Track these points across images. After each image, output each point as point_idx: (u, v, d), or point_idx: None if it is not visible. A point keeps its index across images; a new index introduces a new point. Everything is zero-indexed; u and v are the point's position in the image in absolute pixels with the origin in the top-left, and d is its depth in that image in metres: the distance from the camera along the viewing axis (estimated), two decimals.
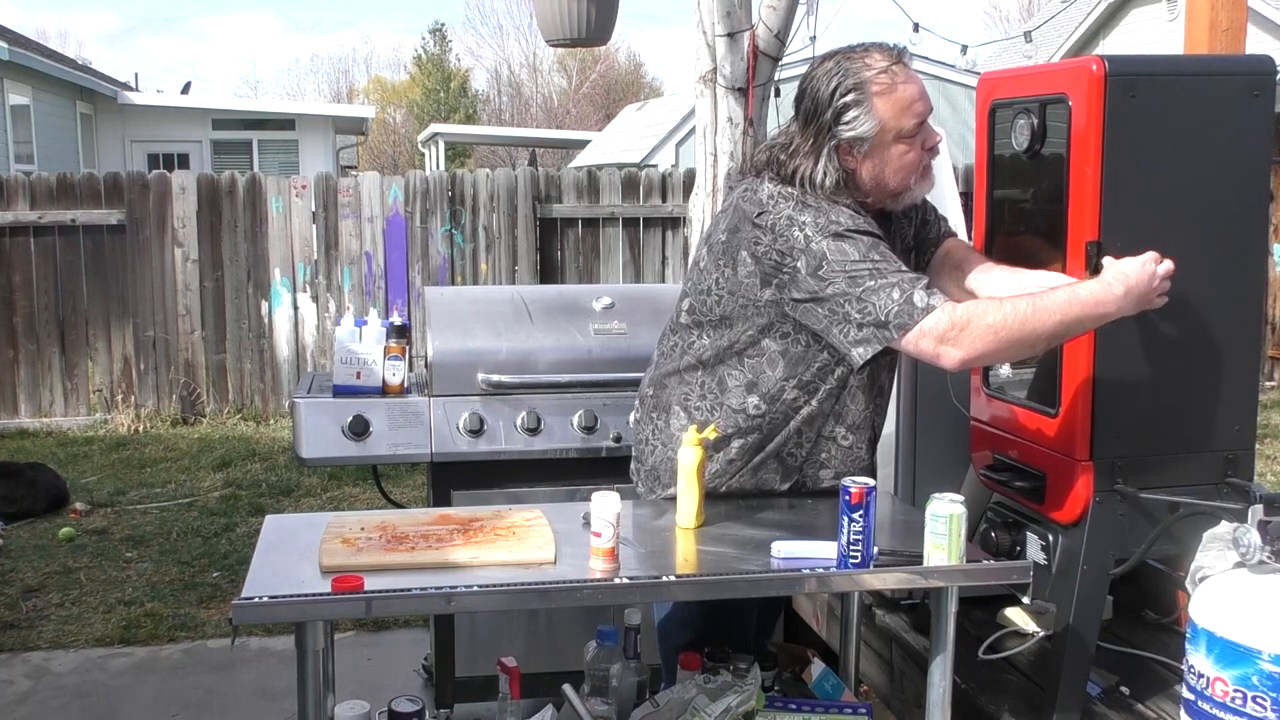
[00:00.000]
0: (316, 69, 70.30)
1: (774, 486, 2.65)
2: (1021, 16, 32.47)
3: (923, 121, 2.39)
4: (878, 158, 2.39)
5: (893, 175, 2.42)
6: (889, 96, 2.35)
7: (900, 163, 2.40)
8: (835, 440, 2.61)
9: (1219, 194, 2.40)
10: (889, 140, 2.37)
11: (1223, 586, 2.10)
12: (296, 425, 3.47)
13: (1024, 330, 2.21)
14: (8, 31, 16.03)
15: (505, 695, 2.68)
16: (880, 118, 2.35)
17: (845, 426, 2.59)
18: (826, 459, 2.63)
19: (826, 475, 2.64)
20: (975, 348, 2.24)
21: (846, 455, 2.62)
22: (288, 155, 18.12)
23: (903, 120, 2.36)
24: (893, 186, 2.44)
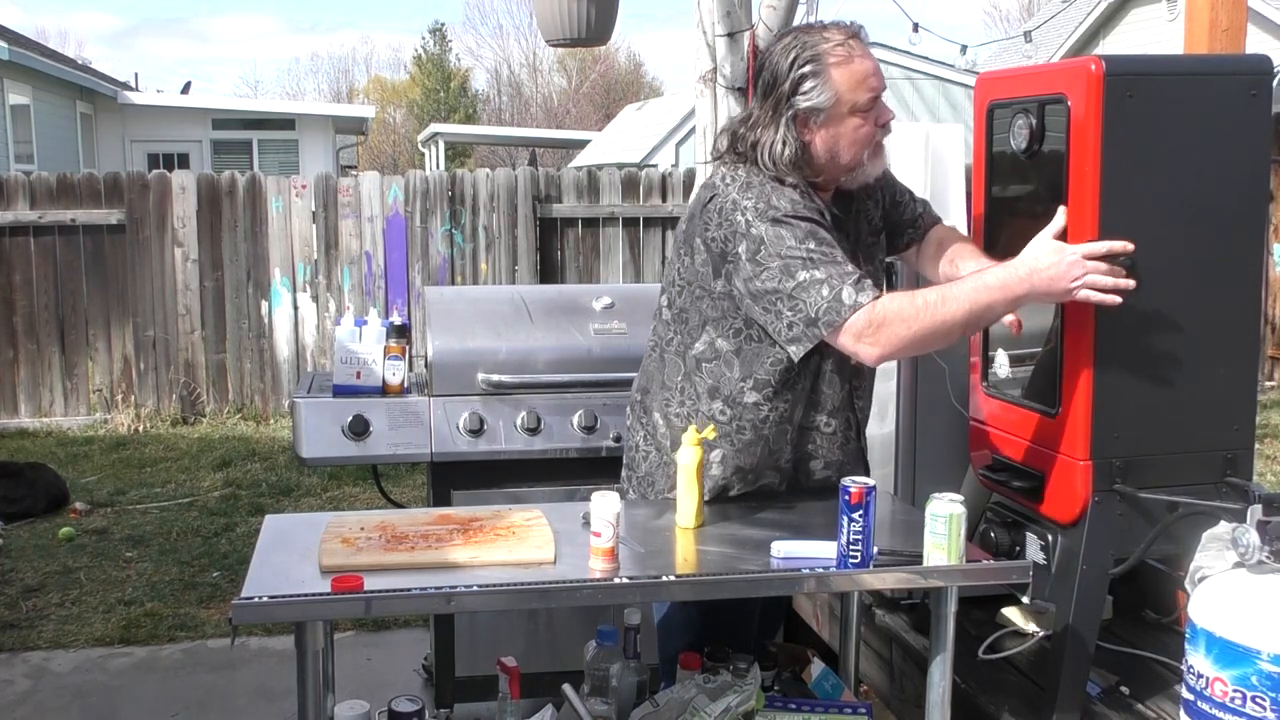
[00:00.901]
0: (316, 69, 70.32)
1: (774, 487, 2.66)
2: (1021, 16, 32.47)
3: (877, 97, 2.43)
4: (833, 130, 2.42)
5: (846, 148, 2.44)
6: (845, 68, 2.39)
7: (854, 136, 2.43)
8: (818, 429, 2.61)
9: (1218, 194, 2.40)
10: (844, 112, 2.41)
11: (1222, 586, 2.10)
12: (296, 425, 3.47)
13: (935, 322, 2.26)
14: (8, 31, 16.03)
15: (505, 695, 2.69)
16: (836, 89, 2.39)
17: (825, 413, 2.60)
18: (813, 450, 2.63)
19: (817, 466, 2.65)
20: (890, 344, 2.30)
21: (831, 442, 2.63)
22: (288, 155, 18.11)
23: (858, 93, 2.40)
24: (846, 160, 2.45)
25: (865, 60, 2.42)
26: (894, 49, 15.75)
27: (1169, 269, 2.38)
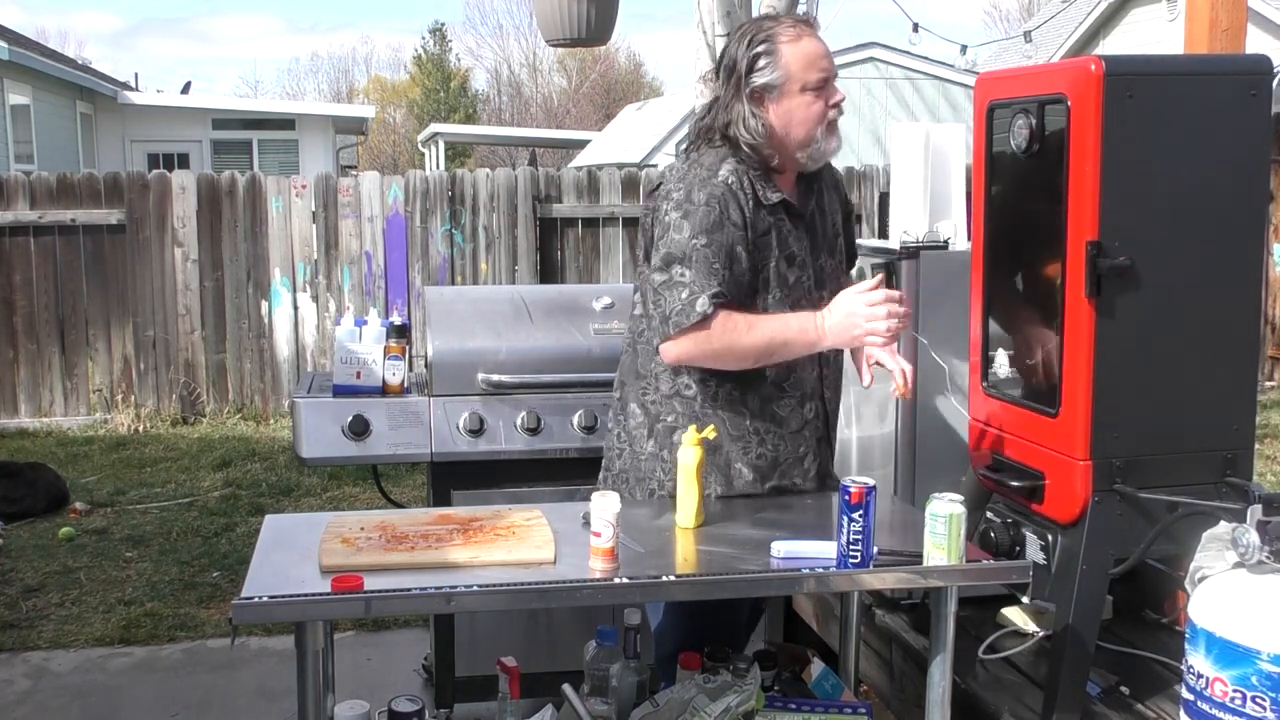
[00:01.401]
0: (316, 69, 70.21)
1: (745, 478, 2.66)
2: (1021, 16, 32.46)
3: (828, 78, 2.55)
4: (785, 105, 2.53)
5: (798, 124, 2.54)
6: (795, 47, 2.54)
7: (806, 113, 2.53)
8: (804, 418, 2.65)
9: (1217, 193, 2.40)
10: (795, 89, 2.53)
11: (1222, 587, 2.10)
12: (296, 425, 3.48)
13: (732, 344, 2.46)
14: (8, 31, 16.03)
15: (505, 695, 2.69)
16: (787, 67, 2.53)
17: (810, 400, 2.64)
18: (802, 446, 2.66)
19: (809, 461, 2.68)
20: (685, 350, 2.49)
21: (814, 429, 2.68)
22: (288, 155, 18.11)
23: (808, 72, 2.53)
24: (799, 136, 2.55)
25: (815, 42, 2.56)
26: (894, 49, 15.76)
27: (1169, 269, 2.38)
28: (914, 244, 3.03)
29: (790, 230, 2.59)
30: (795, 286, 2.58)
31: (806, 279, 2.61)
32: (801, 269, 2.60)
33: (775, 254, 2.56)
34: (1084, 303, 2.34)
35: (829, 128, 2.56)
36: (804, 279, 2.60)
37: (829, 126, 2.56)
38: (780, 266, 2.56)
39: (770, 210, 2.56)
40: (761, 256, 2.54)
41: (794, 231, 2.59)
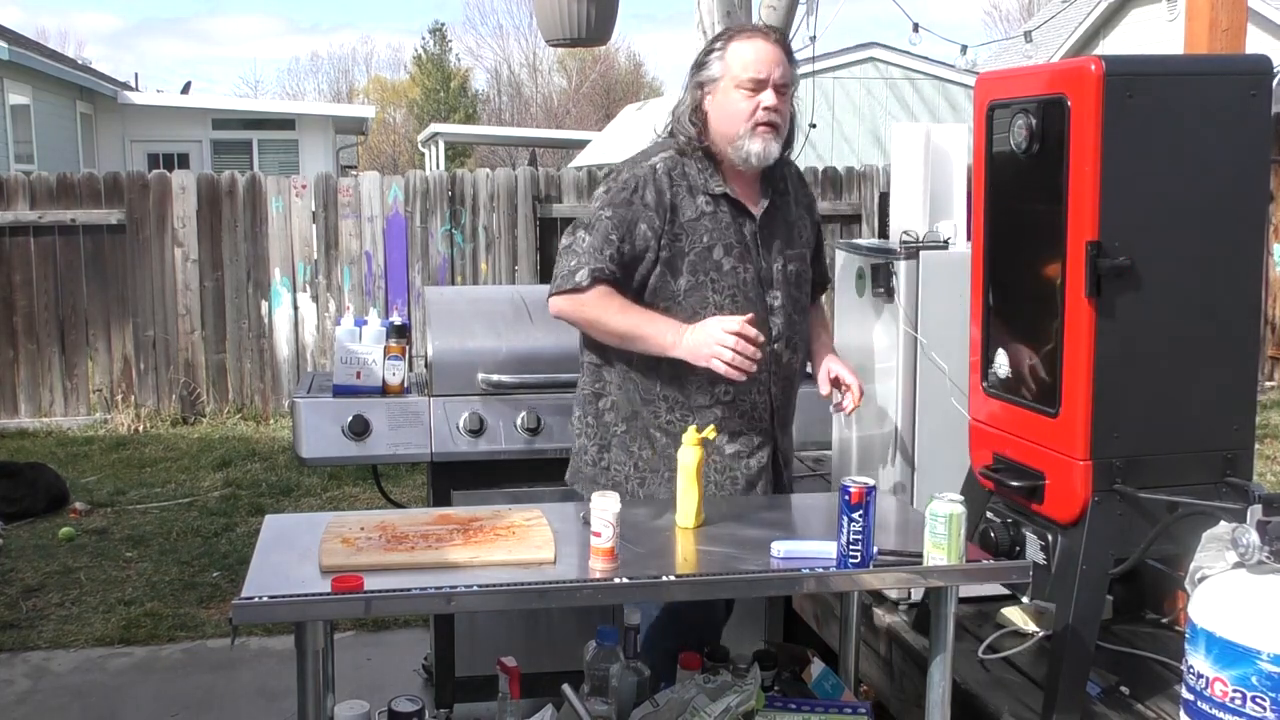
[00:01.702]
0: (316, 69, 70.16)
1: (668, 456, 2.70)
2: (1021, 16, 32.46)
3: (763, 81, 2.63)
4: (719, 100, 2.67)
5: (726, 119, 2.66)
6: (740, 47, 2.66)
7: (735, 109, 2.64)
8: (715, 397, 2.70)
9: (1217, 193, 2.40)
10: (730, 85, 2.65)
11: (1222, 587, 2.10)
12: (296, 425, 3.47)
13: (598, 319, 2.64)
14: (8, 31, 16.02)
15: (505, 695, 2.69)
16: (728, 62, 2.66)
17: (725, 381, 2.67)
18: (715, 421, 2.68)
19: (721, 440, 2.71)
20: (562, 309, 2.68)
21: (731, 410, 2.71)
22: (288, 155, 18.10)
23: (744, 71, 2.64)
24: (725, 131, 2.67)
25: (764, 47, 2.65)
26: (894, 49, 15.76)
27: (1168, 269, 2.38)
28: (914, 244, 3.03)
29: (732, 223, 2.69)
30: (730, 274, 2.67)
31: (746, 272, 2.69)
32: (741, 261, 2.69)
33: (707, 240, 2.67)
34: (1084, 303, 2.34)
35: (755, 129, 2.64)
36: (742, 271, 2.69)
37: (755, 128, 2.64)
38: (715, 253, 2.66)
39: (712, 199, 2.68)
40: (689, 240, 2.66)
41: (738, 225, 2.70)
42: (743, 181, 2.73)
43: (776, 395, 2.78)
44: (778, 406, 2.79)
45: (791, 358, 2.80)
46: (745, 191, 2.73)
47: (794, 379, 2.84)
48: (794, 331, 2.79)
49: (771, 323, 2.73)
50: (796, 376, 2.86)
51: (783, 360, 2.77)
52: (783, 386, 2.79)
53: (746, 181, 2.74)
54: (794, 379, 2.84)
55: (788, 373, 2.80)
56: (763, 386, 2.75)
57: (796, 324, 2.80)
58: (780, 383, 2.78)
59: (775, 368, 2.75)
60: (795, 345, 2.80)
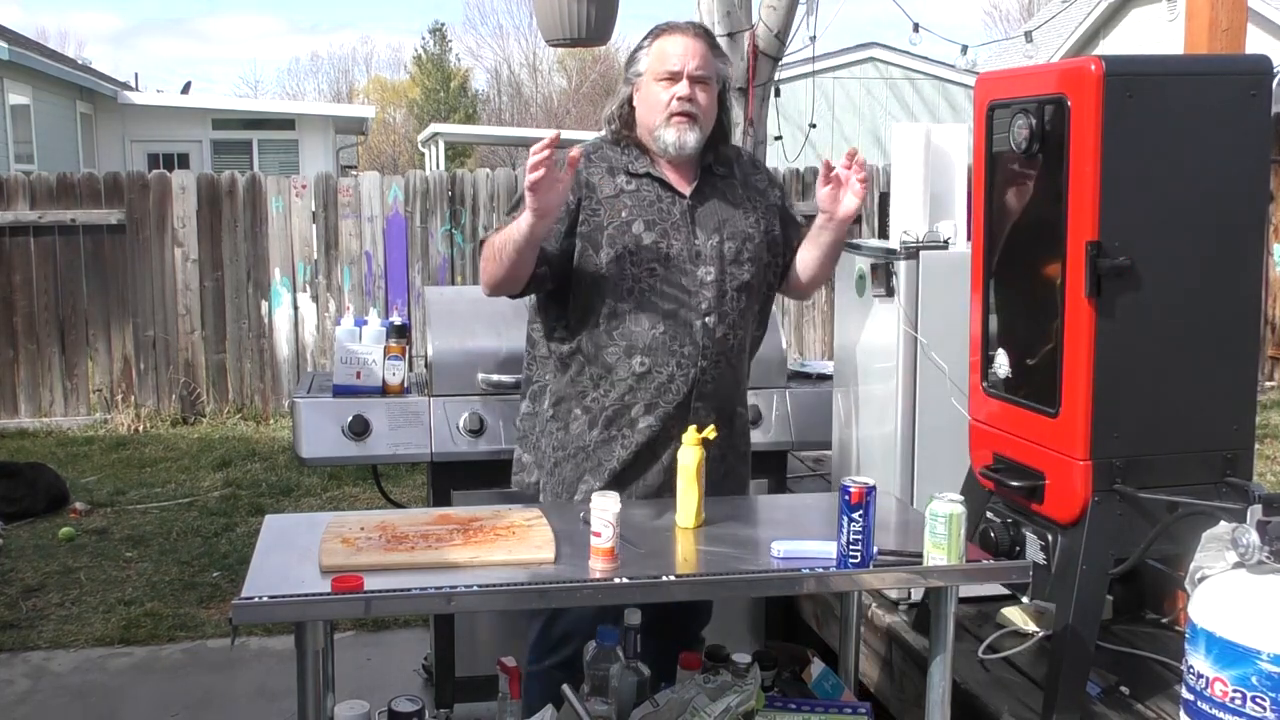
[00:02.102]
0: (316, 69, 70.07)
1: (586, 438, 2.79)
2: (1021, 16, 32.45)
3: (678, 73, 2.73)
4: (643, 92, 2.79)
5: (647, 111, 2.78)
6: (662, 42, 2.78)
7: (653, 101, 2.76)
8: (632, 369, 2.74)
9: (1217, 194, 2.40)
10: (650, 79, 2.77)
11: (1222, 587, 2.10)
12: (296, 425, 3.47)
13: (490, 256, 2.73)
14: (8, 31, 16.02)
15: (505, 695, 2.69)
16: (650, 57, 2.78)
17: (640, 354, 2.73)
18: (628, 393, 2.75)
19: (637, 411, 2.75)
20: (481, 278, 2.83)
21: (646, 381, 2.75)
22: (288, 155, 18.09)
23: (661, 64, 2.75)
24: (647, 121, 2.79)
25: (682, 41, 2.75)
26: (894, 49, 15.77)
27: (1169, 269, 2.38)
28: (914, 244, 3.03)
29: (657, 200, 2.78)
30: (651, 249, 2.75)
31: (669, 248, 2.75)
32: (665, 237, 2.76)
33: (626, 215, 2.75)
34: (1084, 303, 2.34)
35: (670, 119, 2.74)
36: (665, 246, 2.75)
37: (670, 118, 2.74)
38: (635, 227, 2.75)
39: (634, 178, 2.79)
40: (608, 214, 2.76)
41: (665, 203, 2.78)
42: (675, 166, 2.82)
43: (705, 369, 2.76)
44: (702, 382, 2.76)
45: (727, 334, 2.79)
46: (676, 175, 2.82)
47: (732, 359, 2.82)
48: (731, 309, 2.79)
49: (700, 296, 2.75)
50: (735, 358, 2.83)
51: (715, 335, 2.76)
52: (713, 361, 2.77)
53: (679, 166, 2.82)
54: (732, 359, 2.82)
55: (721, 349, 2.77)
56: (686, 360, 2.74)
57: (736, 302, 2.80)
58: (710, 358, 2.76)
59: (705, 341, 2.75)
60: (733, 324, 2.80)
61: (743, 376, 2.92)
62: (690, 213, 2.80)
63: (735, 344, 2.83)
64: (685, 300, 2.75)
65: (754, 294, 2.88)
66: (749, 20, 4.37)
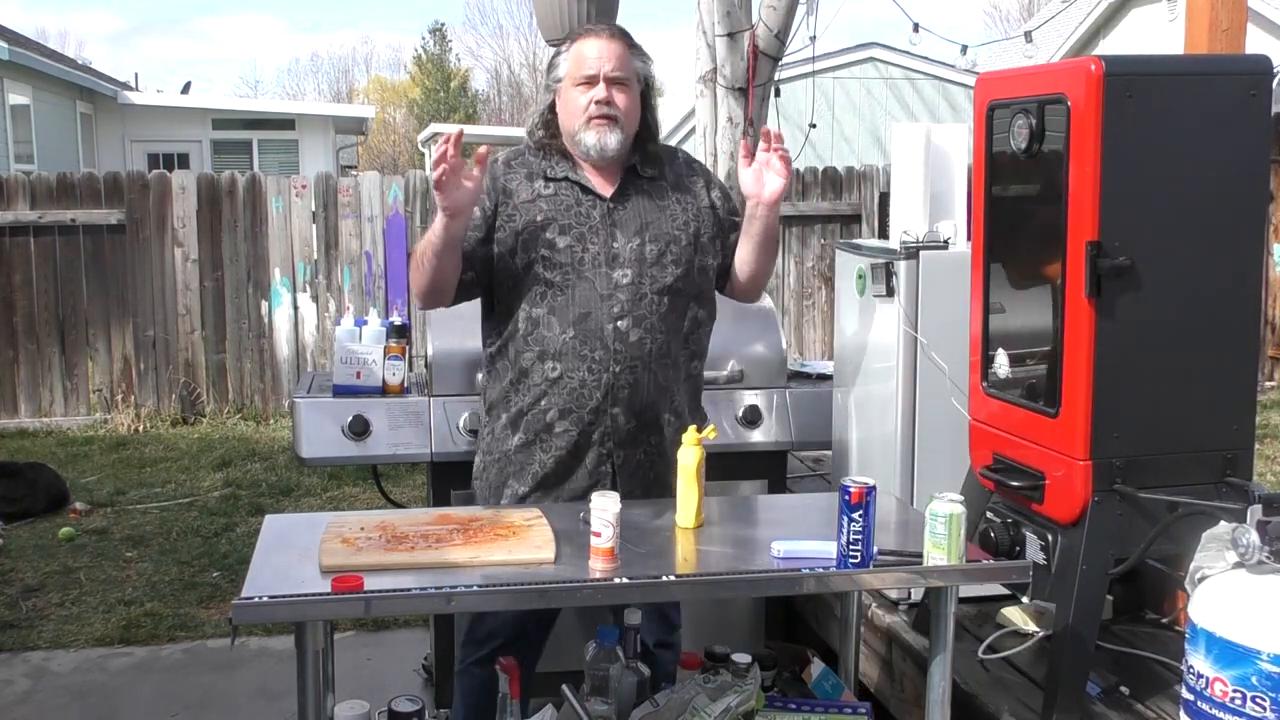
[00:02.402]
0: (317, 69, 70.02)
1: (507, 442, 2.78)
2: (1021, 16, 32.45)
3: (594, 76, 2.71)
4: (563, 97, 2.78)
5: (567, 115, 2.76)
6: (578, 45, 2.76)
7: (572, 105, 2.74)
8: (545, 374, 2.73)
9: (1217, 193, 2.40)
10: (569, 84, 2.75)
11: (1222, 587, 2.10)
12: (296, 425, 3.47)
13: (417, 265, 2.70)
14: (8, 31, 16.02)
15: (505, 695, 2.69)
16: (568, 62, 2.77)
17: (552, 359, 2.71)
18: (543, 398, 2.73)
19: (551, 416, 2.73)
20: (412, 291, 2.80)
21: (558, 386, 2.72)
22: (288, 155, 18.09)
23: (578, 69, 2.74)
24: (568, 126, 2.77)
25: (597, 44, 2.74)
26: (894, 49, 15.75)
27: (1169, 269, 2.39)
28: (914, 244, 3.03)
29: (575, 205, 2.75)
30: (565, 252, 2.71)
31: (585, 251, 2.72)
32: (581, 240, 2.72)
33: (540, 219, 2.73)
34: (1084, 303, 2.34)
35: (589, 123, 2.71)
36: (580, 250, 2.72)
37: (589, 122, 2.71)
38: (548, 231, 2.72)
39: (552, 183, 2.77)
40: (522, 219, 2.74)
41: (583, 207, 2.75)
42: (598, 169, 2.79)
43: (618, 374, 2.70)
44: (617, 387, 2.71)
45: (644, 338, 2.71)
46: (599, 177, 2.79)
47: (650, 364, 2.73)
48: (649, 312, 2.72)
49: (615, 298, 2.70)
50: (655, 363, 2.74)
51: (628, 339, 2.70)
52: (628, 367, 2.71)
53: (603, 169, 2.79)
54: (650, 364, 2.73)
55: (636, 354, 2.71)
56: (597, 365, 2.70)
57: (655, 306, 2.72)
58: (624, 362, 2.70)
59: (617, 346, 2.69)
60: (651, 328, 2.72)
61: (671, 382, 2.78)
62: (610, 215, 2.75)
63: (655, 349, 2.73)
64: (598, 304, 2.70)
65: (681, 297, 2.78)
66: (749, 20, 4.37)
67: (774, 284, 9.05)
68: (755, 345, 3.68)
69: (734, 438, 3.57)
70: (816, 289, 9.18)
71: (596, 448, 2.74)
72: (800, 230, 9.18)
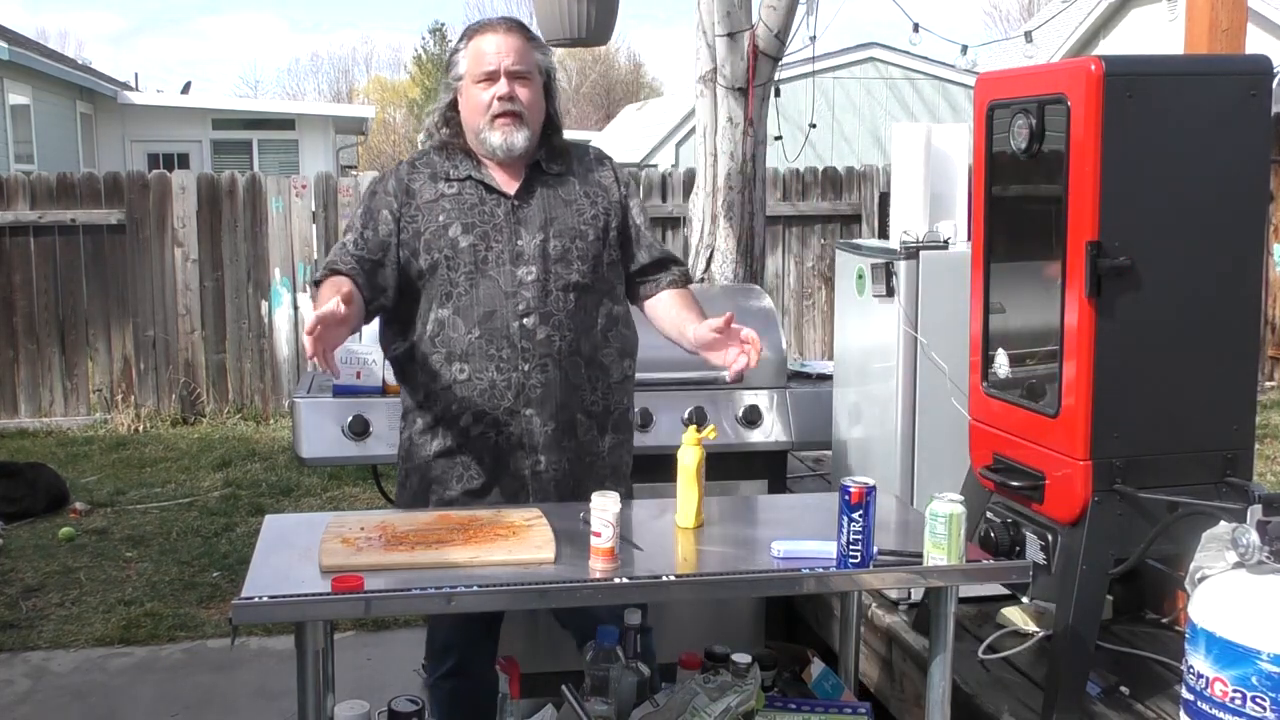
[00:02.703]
0: (317, 69, 70.06)
1: (426, 449, 2.76)
2: (1021, 16, 32.45)
3: (494, 72, 2.68)
4: (464, 95, 2.73)
5: (470, 113, 2.72)
6: (476, 42, 2.72)
7: (474, 101, 2.70)
8: (453, 376, 2.69)
9: (1217, 194, 2.40)
10: (469, 81, 2.71)
11: (1222, 587, 2.10)
12: (296, 425, 3.47)
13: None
14: (8, 31, 16.01)
15: (505, 695, 2.69)
16: (467, 60, 2.72)
17: (459, 360, 2.68)
18: (455, 402, 2.70)
19: (465, 420, 2.70)
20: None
21: (468, 388, 2.68)
22: (288, 155, 18.09)
23: (478, 66, 2.69)
24: (471, 124, 2.73)
25: (495, 39, 2.70)
26: (894, 49, 15.76)
27: (1169, 269, 2.39)
28: (914, 244, 3.03)
29: (479, 204, 2.71)
30: (468, 252, 2.68)
31: (489, 250, 2.68)
32: (484, 240, 2.69)
33: (443, 219, 2.70)
34: (1084, 303, 2.34)
35: (493, 121, 2.68)
36: (483, 249, 2.68)
37: (493, 120, 2.68)
38: (451, 231, 2.69)
39: (455, 183, 2.73)
40: (425, 220, 2.70)
41: (487, 206, 2.71)
42: (503, 168, 2.75)
43: (528, 373, 2.67)
44: (528, 387, 2.68)
45: (552, 335, 2.67)
46: (503, 175, 2.74)
47: (563, 363, 2.69)
48: (557, 309, 2.68)
49: (519, 297, 2.66)
50: (567, 361, 2.70)
51: (535, 337, 2.66)
52: (538, 365, 2.67)
53: (508, 167, 2.75)
54: (563, 363, 2.69)
55: (545, 352, 2.67)
56: (505, 365, 2.66)
57: (563, 302, 2.69)
58: (534, 360, 2.67)
59: (524, 344, 2.66)
60: (560, 324, 2.68)
61: (584, 382, 2.73)
62: (514, 213, 2.71)
63: (565, 346, 2.69)
64: (502, 302, 2.66)
65: (591, 294, 2.73)
66: (749, 20, 4.37)
67: (774, 284, 9.05)
68: None
69: (734, 438, 3.57)
70: (816, 289, 9.18)
71: (517, 451, 2.69)
72: (800, 230, 9.18)
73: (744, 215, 4.41)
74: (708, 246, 4.44)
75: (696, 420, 3.47)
